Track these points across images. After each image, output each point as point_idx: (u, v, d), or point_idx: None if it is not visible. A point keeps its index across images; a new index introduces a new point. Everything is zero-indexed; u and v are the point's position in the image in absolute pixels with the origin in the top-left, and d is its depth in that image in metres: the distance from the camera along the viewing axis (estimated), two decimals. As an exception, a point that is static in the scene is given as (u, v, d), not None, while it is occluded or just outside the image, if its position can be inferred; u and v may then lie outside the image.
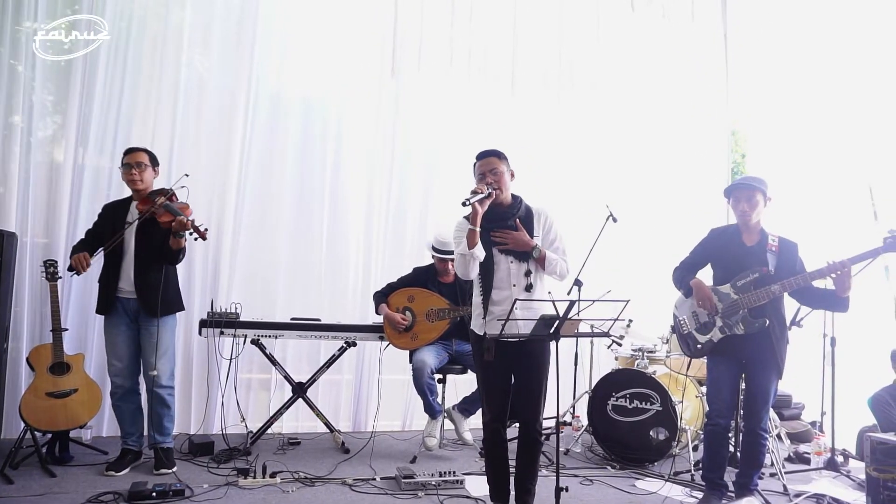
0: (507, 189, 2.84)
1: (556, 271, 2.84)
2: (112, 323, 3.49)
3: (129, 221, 3.47)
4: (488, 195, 2.69)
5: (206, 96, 4.52)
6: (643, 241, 5.27)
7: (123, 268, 3.47)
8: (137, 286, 3.45)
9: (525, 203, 2.90)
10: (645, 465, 3.93)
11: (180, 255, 3.52)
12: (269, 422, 4.15)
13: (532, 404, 2.83)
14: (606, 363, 4.88)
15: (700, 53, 5.71)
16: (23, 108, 4.11)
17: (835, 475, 3.86)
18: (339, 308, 4.68)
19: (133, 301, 3.48)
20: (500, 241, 2.78)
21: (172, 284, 3.61)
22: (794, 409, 5.02)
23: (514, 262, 2.79)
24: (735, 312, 3.16)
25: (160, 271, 3.49)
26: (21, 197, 4.06)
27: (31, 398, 3.46)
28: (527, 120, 5.18)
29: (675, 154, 5.56)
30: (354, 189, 4.84)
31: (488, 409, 2.89)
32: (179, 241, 3.43)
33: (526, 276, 2.78)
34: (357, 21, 4.82)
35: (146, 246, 3.47)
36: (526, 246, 2.78)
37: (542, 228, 2.87)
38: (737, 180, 3.33)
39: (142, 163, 3.51)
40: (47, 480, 3.25)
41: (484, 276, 2.79)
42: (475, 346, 2.90)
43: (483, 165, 2.82)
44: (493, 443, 2.89)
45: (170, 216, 3.38)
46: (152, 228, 3.44)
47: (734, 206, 3.26)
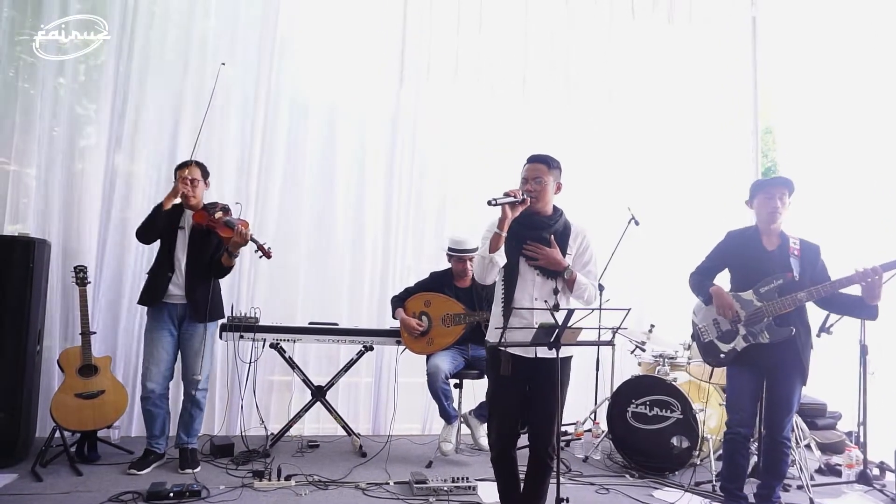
0: (549, 200, 2.68)
1: (584, 297, 2.67)
2: (155, 328, 3.60)
3: (182, 226, 3.63)
4: (521, 201, 2.53)
5: (229, 104, 4.62)
6: (665, 245, 5.16)
7: (175, 273, 3.60)
8: (188, 291, 3.58)
9: (565, 218, 2.73)
10: (665, 474, 3.83)
11: (227, 272, 3.70)
12: (289, 425, 4.21)
13: (546, 426, 2.64)
14: (629, 368, 4.79)
15: (723, 56, 5.56)
16: (60, 118, 4.27)
17: (867, 489, 3.69)
18: (357, 312, 4.73)
19: (181, 307, 3.61)
20: (531, 255, 2.62)
21: (217, 292, 3.76)
22: (829, 418, 4.82)
23: (539, 275, 2.62)
24: (759, 320, 3.05)
25: (209, 280, 3.65)
26: (53, 204, 4.22)
27: (61, 399, 3.61)
28: (539, 125, 5.14)
29: (697, 157, 5.43)
30: (372, 194, 4.88)
31: (496, 428, 2.71)
32: (232, 260, 3.60)
33: (554, 294, 2.61)
34: (369, 32, 4.88)
35: (198, 256, 3.62)
36: (557, 265, 2.60)
37: (576, 247, 2.70)
38: (768, 178, 3.18)
39: (196, 178, 3.64)
40: (74, 479, 3.37)
41: (507, 285, 2.64)
42: (489, 358, 2.73)
43: (529, 170, 2.67)
44: (501, 465, 2.72)
45: (230, 231, 3.53)
46: (206, 240, 3.60)
47: (763, 204, 3.11)
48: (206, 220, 3.57)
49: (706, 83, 5.51)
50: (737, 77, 5.59)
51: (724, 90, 5.54)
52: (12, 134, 4.18)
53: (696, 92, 5.48)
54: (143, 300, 3.68)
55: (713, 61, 5.54)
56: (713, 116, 5.53)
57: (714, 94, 5.52)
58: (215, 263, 3.65)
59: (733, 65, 5.58)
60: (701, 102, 5.50)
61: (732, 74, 5.56)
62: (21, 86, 4.24)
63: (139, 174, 4.43)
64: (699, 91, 5.49)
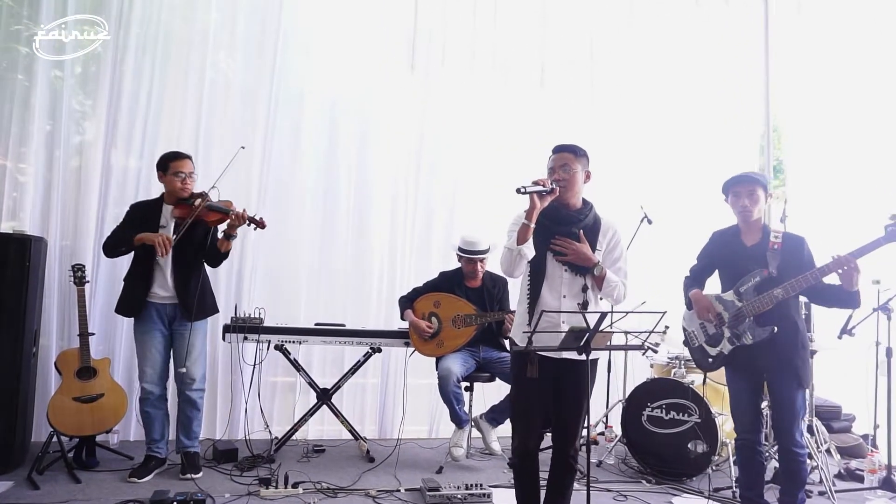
0: (578, 192, 2.57)
1: (613, 295, 2.56)
2: (145, 329, 3.45)
3: (163, 225, 3.46)
4: (550, 191, 2.41)
5: (230, 97, 4.50)
6: (679, 244, 5.03)
7: (159, 272, 3.44)
8: (177, 290, 3.43)
9: (595, 212, 2.61)
10: (682, 479, 3.73)
11: (225, 258, 3.55)
12: (293, 429, 4.08)
13: (571, 429, 2.55)
14: (641, 371, 4.69)
15: (739, 44, 5.43)
16: (56, 114, 4.13)
17: (891, 496, 3.58)
18: (364, 313, 4.60)
19: (170, 306, 3.46)
20: (559, 251, 2.51)
21: (208, 288, 3.61)
22: (843, 421, 4.74)
23: (567, 271, 2.51)
24: (741, 321, 2.96)
25: (199, 275, 3.50)
26: (50, 201, 4.09)
27: (59, 402, 3.47)
28: (557, 113, 4.98)
29: (713, 153, 5.29)
30: (379, 190, 4.75)
31: (521, 431, 2.59)
32: (230, 243, 3.45)
33: (583, 292, 2.49)
34: (379, 18, 4.72)
35: (186, 250, 3.44)
36: (587, 261, 2.49)
37: (606, 243, 2.59)
38: (735, 175, 3.10)
39: (193, 172, 3.50)
40: (72, 486, 3.24)
41: (533, 281, 2.53)
42: (514, 359, 2.62)
43: (556, 160, 2.55)
44: (524, 471, 2.60)
45: (219, 215, 3.39)
46: (191, 233, 3.43)
47: (734, 203, 3.06)
48: (188, 212, 3.38)
49: (726, 70, 5.36)
50: (749, 71, 5.47)
51: (738, 82, 5.41)
52: (8, 128, 4.04)
53: (710, 82, 5.33)
54: (121, 310, 3.51)
55: (731, 49, 5.40)
56: (722, 111, 5.40)
57: (732, 85, 5.38)
58: (210, 252, 3.49)
59: (747, 57, 5.46)
60: (715, 93, 5.34)
61: (747, 67, 5.44)
62: (16, 77, 4.09)
63: (138, 171, 4.28)
64: (714, 81, 5.34)
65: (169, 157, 3.50)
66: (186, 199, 3.43)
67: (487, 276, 4.11)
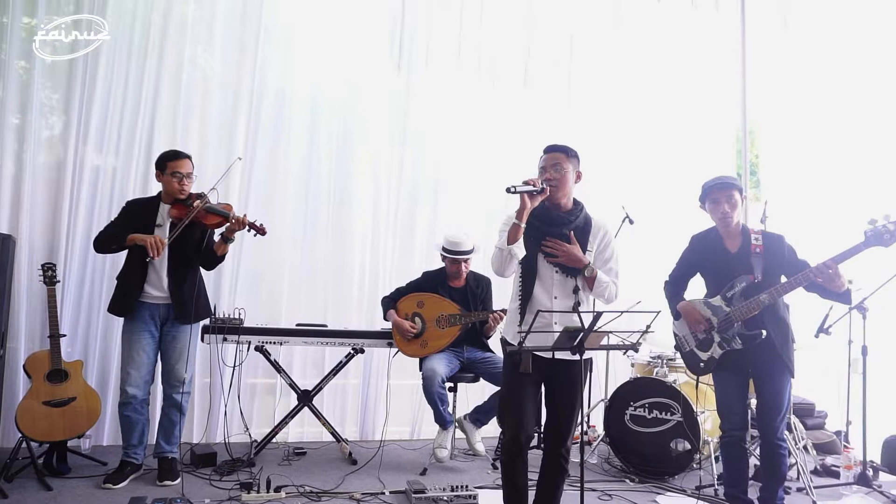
0: (569, 192, 2.58)
1: (605, 295, 2.56)
2: (134, 329, 3.35)
3: (159, 224, 3.37)
4: (541, 191, 2.41)
5: (209, 93, 4.39)
6: (658, 243, 5.08)
7: (154, 272, 3.35)
8: (172, 292, 3.34)
9: (586, 212, 2.62)
10: (665, 478, 3.76)
11: (221, 261, 3.49)
12: (274, 432, 4.00)
13: (563, 427, 2.55)
14: (623, 370, 4.72)
15: (719, 46, 5.51)
16: (25, 108, 3.98)
17: (867, 491, 3.67)
18: (345, 313, 4.54)
19: (163, 307, 3.38)
20: (550, 252, 2.51)
21: (203, 291, 3.54)
22: (817, 417, 4.84)
23: (558, 272, 2.52)
24: (730, 326, 3.00)
25: (195, 277, 3.44)
26: (19, 198, 3.93)
27: (28, 407, 3.34)
28: (540, 113, 4.98)
29: (691, 153, 5.36)
30: (361, 189, 4.68)
31: (512, 427, 2.55)
32: (227, 246, 3.39)
33: (574, 294, 2.50)
34: (364, 15, 4.66)
35: (181, 251, 3.36)
36: (577, 263, 2.50)
37: (597, 243, 2.59)
38: (711, 181, 3.11)
39: (192, 172, 3.41)
40: (43, 494, 3.11)
41: (524, 281, 2.53)
42: (507, 357, 2.61)
43: (547, 159, 2.56)
44: (514, 468, 2.56)
45: (218, 218, 3.33)
46: (188, 233, 3.35)
47: (713, 210, 3.08)
48: (185, 212, 3.32)
49: (704, 73, 5.43)
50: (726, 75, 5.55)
51: (715, 85, 5.49)
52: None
53: (689, 85, 5.39)
54: (114, 309, 3.42)
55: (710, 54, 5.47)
56: (700, 114, 5.46)
57: (710, 88, 5.46)
58: (206, 255, 3.42)
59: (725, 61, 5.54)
60: (694, 96, 5.41)
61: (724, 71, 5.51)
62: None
63: (110, 167, 4.14)
64: (692, 84, 5.41)
65: (167, 157, 3.42)
66: (184, 200, 3.36)
67: (471, 276, 4.09)
